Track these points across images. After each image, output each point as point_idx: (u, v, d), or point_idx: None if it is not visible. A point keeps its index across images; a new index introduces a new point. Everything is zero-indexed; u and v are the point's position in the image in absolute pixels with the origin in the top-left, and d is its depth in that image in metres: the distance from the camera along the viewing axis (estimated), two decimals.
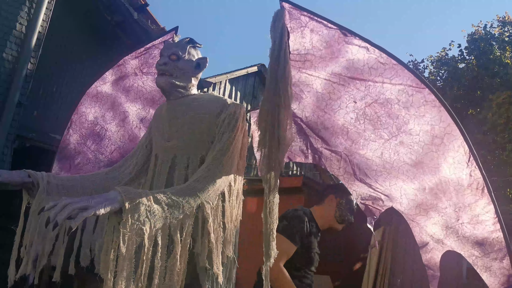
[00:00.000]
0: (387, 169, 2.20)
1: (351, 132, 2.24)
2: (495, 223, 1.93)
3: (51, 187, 1.80)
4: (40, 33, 4.97)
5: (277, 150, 1.85)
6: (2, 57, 4.73)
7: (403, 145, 2.09)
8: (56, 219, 1.26)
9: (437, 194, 2.08)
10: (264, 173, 1.87)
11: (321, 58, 2.11)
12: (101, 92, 2.83)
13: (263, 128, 1.91)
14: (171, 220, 1.46)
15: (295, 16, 2.04)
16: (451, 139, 1.93)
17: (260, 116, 1.94)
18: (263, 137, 1.92)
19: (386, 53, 1.96)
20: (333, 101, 2.22)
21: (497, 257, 1.96)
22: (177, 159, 1.90)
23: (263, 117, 1.92)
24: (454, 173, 1.97)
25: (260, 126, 1.92)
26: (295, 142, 2.48)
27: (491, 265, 1.99)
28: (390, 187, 2.26)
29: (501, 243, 1.94)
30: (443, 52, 15.51)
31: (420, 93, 1.95)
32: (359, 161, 2.30)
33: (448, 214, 2.07)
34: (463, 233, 2.05)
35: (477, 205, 1.95)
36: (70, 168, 2.88)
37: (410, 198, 2.21)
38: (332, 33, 2.01)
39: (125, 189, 1.41)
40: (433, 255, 2.24)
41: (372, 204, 2.40)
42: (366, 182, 2.33)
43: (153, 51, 2.71)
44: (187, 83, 2.00)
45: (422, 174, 2.09)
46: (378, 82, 2.03)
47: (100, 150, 2.90)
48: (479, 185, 1.91)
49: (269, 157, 1.89)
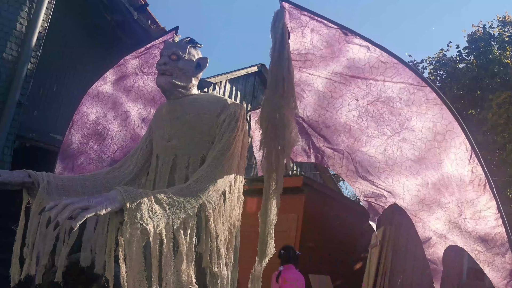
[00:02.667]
0: (389, 165, 2.22)
1: (354, 130, 2.25)
2: (497, 218, 1.94)
3: (51, 187, 1.80)
4: (40, 33, 4.97)
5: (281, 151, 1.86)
6: (2, 57, 4.73)
7: (406, 141, 2.11)
8: (57, 219, 1.26)
9: (440, 189, 2.09)
10: (266, 173, 1.87)
11: (322, 57, 2.11)
12: (102, 92, 2.83)
13: (264, 128, 1.92)
14: (173, 220, 1.46)
15: (295, 16, 2.04)
16: (452, 136, 1.94)
17: (262, 117, 1.94)
18: (263, 137, 1.92)
19: (387, 52, 1.96)
20: (334, 100, 2.23)
21: (499, 252, 1.98)
22: (177, 159, 1.90)
23: (264, 117, 1.92)
24: (456, 169, 1.98)
25: (261, 127, 1.93)
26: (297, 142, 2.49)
27: (494, 260, 2.01)
28: (392, 184, 2.27)
29: (503, 238, 1.95)
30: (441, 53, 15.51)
31: (422, 91, 1.96)
32: (361, 158, 2.31)
33: (451, 209, 2.09)
34: (466, 228, 2.06)
35: (479, 201, 1.96)
36: (73, 168, 2.89)
37: (413, 193, 2.22)
38: (332, 32, 2.02)
39: (126, 189, 1.41)
40: (436, 250, 2.25)
41: (375, 201, 2.41)
42: (368, 179, 2.34)
43: (153, 51, 2.71)
44: (188, 83, 2.00)
45: (425, 169, 2.11)
46: (380, 80, 2.04)
47: (103, 150, 2.90)
48: (481, 181, 1.92)
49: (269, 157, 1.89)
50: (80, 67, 5.99)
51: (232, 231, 1.84)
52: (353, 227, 7.56)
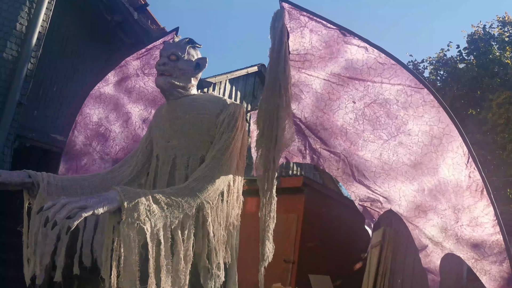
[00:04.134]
0: (385, 170, 2.20)
1: (350, 133, 2.23)
2: (494, 225, 1.90)
3: (51, 187, 1.81)
4: (40, 33, 4.97)
5: (273, 150, 1.86)
6: (2, 57, 4.73)
7: (402, 145, 2.08)
8: (55, 218, 1.26)
9: (436, 196, 2.06)
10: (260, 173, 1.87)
11: (321, 58, 2.11)
12: (104, 93, 2.86)
13: (261, 128, 1.92)
14: (171, 220, 1.46)
15: (295, 16, 2.04)
16: (450, 140, 1.92)
17: (259, 116, 1.94)
18: (260, 137, 1.92)
19: (385, 53, 1.95)
20: (332, 102, 2.22)
21: (497, 260, 1.94)
22: (177, 159, 1.90)
23: (261, 117, 1.93)
24: (453, 174, 1.95)
25: (258, 126, 1.93)
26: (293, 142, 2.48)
27: (490, 268, 1.97)
28: (389, 189, 2.25)
29: (500, 246, 1.91)
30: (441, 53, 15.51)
31: (419, 93, 1.94)
32: (357, 162, 2.29)
33: (447, 216, 2.06)
34: (462, 235, 2.03)
35: (476, 207, 1.92)
36: (77, 169, 2.90)
37: (409, 199, 2.19)
38: (331, 33, 2.01)
39: (124, 189, 1.41)
40: (433, 259, 2.22)
41: (371, 206, 2.39)
42: (364, 183, 2.32)
43: (154, 52, 2.72)
44: (187, 83, 2.00)
45: (421, 175, 2.08)
46: (377, 82, 2.03)
47: (105, 151, 2.92)
48: (478, 186, 1.88)
49: (265, 157, 1.90)
50: (80, 67, 5.99)
51: (231, 231, 1.84)
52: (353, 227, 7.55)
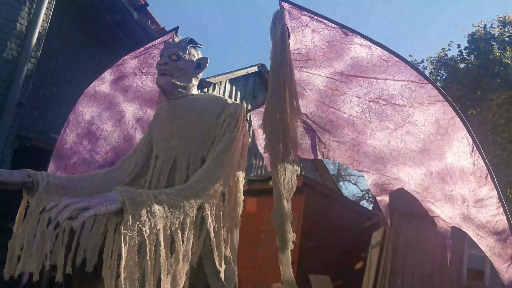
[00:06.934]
0: (394, 156, 2.28)
1: (357, 124, 2.29)
2: (498, 207, 1.98)
3: (50, 187, 1.80)
4: (40, 33, 4.97)
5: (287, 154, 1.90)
6: (2, 57, 4.72)
7: (409, 134, 2.15)
8: (57, 219, 1.26)
9: (444, 178, 2.14)
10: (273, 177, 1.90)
11: (324, 56, 2.12)
12: (99, 92, 2.81)
13: (268, 133, 1.94)
14: (172, 220, 1.46)
15: (295, 15, 2.04)
16: (455, 130, 1.98)
17: (265, 120, 1.96)
18: (268, 142, 1.96)
19: (388, 50, 1.98)
20: (336, 97, 2.26)
21: (501, 238, 2.03)
22: (178, 160, 1.90)
23: (268, 121, 1.95)
24: (459, 161, 2.02)
25: (265, 131, 1.96)
26: (303, 140, 2.53)
27: (495, 245, 2.06)
28: (398, 173, 2.33)
29: (504, 225, 2.00)
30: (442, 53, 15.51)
31: (423, 88, 1.98)
32: (366, 150, 2.37)
33: (454, 197, 2.14)
34: (468, 214, 2.12)
35: (481, 191, 2.00)
36: (66, 168, 2.86)
37: (418, 182, 2.27)
38: (333, 33, 2.02)
39: (126, 189, 1.40)
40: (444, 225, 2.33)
41: (382, 185, 2.48)
42: (374, 168, 2.41)
43: (152, 51, 2.70)
44: (188, 83, 2.00)
45: (428, 160, 2.15)
46: (381, 79, 2.06)
47: (95, 150, 2.88)
48: (483, 172, 1.96)
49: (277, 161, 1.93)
50: (80, 67, 5.98)
51: (232, 230, 1.84)
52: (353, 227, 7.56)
